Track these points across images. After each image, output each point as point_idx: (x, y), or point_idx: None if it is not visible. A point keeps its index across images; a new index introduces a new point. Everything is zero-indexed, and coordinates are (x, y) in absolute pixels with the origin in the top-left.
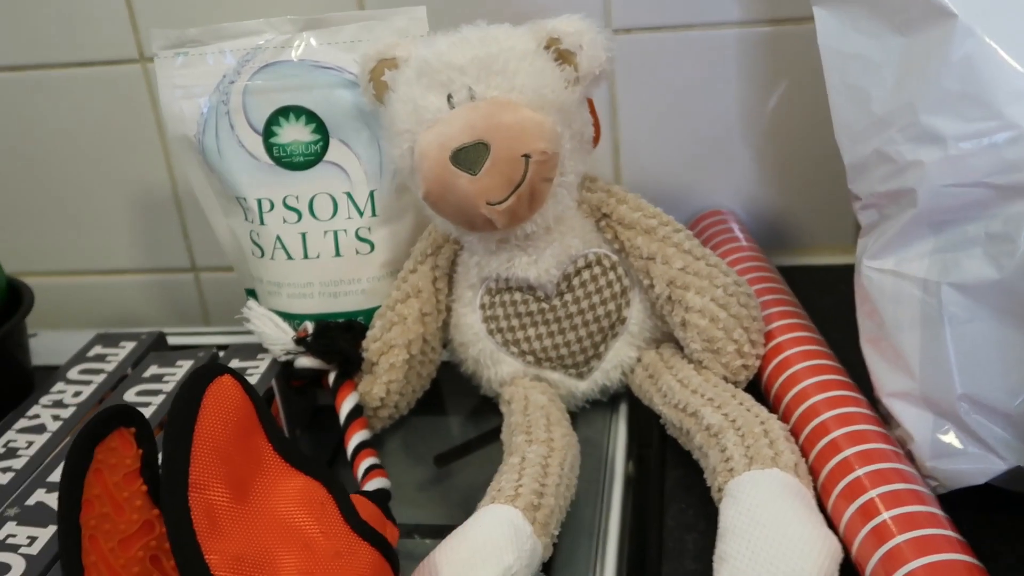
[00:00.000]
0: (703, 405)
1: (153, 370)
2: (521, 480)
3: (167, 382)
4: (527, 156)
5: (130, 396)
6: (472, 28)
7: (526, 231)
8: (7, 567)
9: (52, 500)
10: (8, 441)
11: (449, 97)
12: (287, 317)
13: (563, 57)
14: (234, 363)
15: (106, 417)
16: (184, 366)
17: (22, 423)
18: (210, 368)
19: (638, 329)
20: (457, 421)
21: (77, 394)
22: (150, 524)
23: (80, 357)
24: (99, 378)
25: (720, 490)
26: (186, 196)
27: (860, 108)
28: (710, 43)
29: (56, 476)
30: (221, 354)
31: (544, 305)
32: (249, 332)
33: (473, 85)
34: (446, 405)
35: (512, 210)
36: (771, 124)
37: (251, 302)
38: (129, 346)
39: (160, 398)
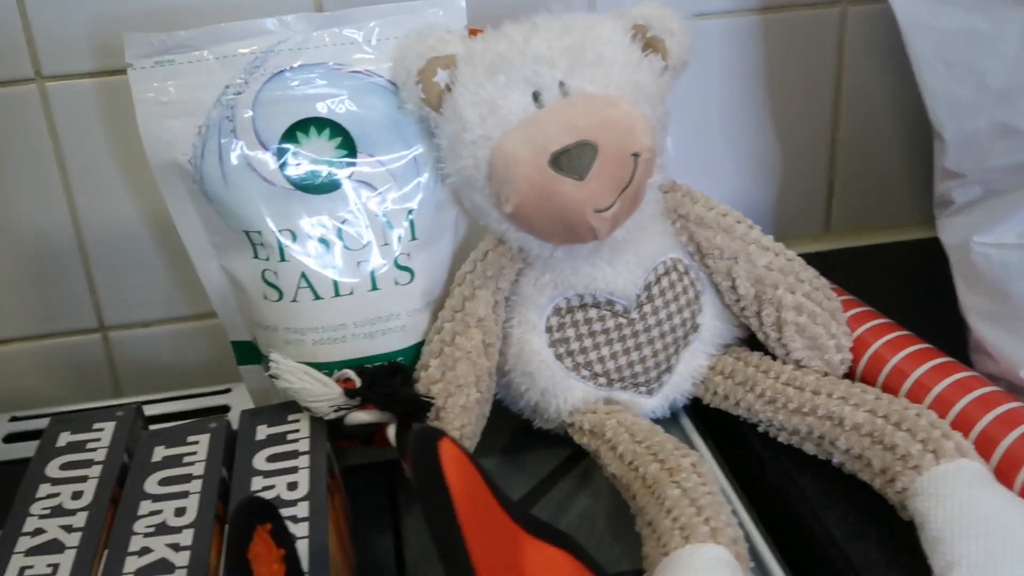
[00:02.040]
0: (837, 405)
1: (162, 452)
2: (703, 513)
3: (189, 463)
4: (635, 154)
5: (152, 486)
6: (543, 17)
7: (617, 239)
8: None
9: None
10: (22, 568)
11: (535, 95)
12: (313, 367)
13: (651, 45)
14: (263, 430)
15: (243, 518)
16: (201, 441)
17: (26, 542)
18: (429, 434)
19: (709, 335)
20: (494, 460)
21: (77, 495)
22: None
23: (50, 450)
24: (94, 471)
25: (903, 490)
26: (94, 243)
27: (966, 83)
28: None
29: None
30: (231, 421)
31: (622, 320)
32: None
33: (566, 79)
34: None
35: (616, 216)
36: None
37: (275, 355)
38: (108, 427)
39: (196, 484)
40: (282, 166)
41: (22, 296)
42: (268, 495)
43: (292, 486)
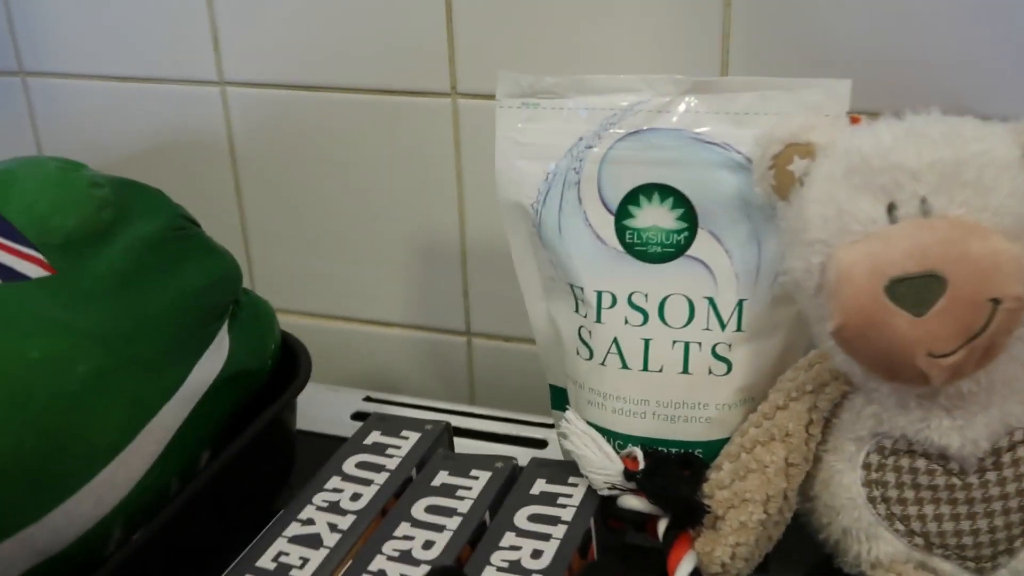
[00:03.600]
0: None
1: (443, 478)
2: None
3: (460, 497)
4: (996, 301)
5: (419, 511)
6: (924, 119)
7: (961, 390)
8: None
9: None
10: (279, 553)
11: (891, 207)
12: (608, 435)
13: None
14: (540, 485)
15: None
16: (480, 477)
17: (295, 529)
18: None
19: None
20: None
21: (356, 497)
22: None
23: (357, 445)
24: (380, 478)
25: None
26: (474, 253)
27: None
28: None
29: None
30: (519, 463)
31: (956, 481)
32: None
33: (930, 196)
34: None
35: (958, 365)
36: None
37: (570, 414)
38: (412, 437)
39: (454, 521)
40: (618, 228)
41: (404, 286)
42: (511, 556)
43: (536, 554)
